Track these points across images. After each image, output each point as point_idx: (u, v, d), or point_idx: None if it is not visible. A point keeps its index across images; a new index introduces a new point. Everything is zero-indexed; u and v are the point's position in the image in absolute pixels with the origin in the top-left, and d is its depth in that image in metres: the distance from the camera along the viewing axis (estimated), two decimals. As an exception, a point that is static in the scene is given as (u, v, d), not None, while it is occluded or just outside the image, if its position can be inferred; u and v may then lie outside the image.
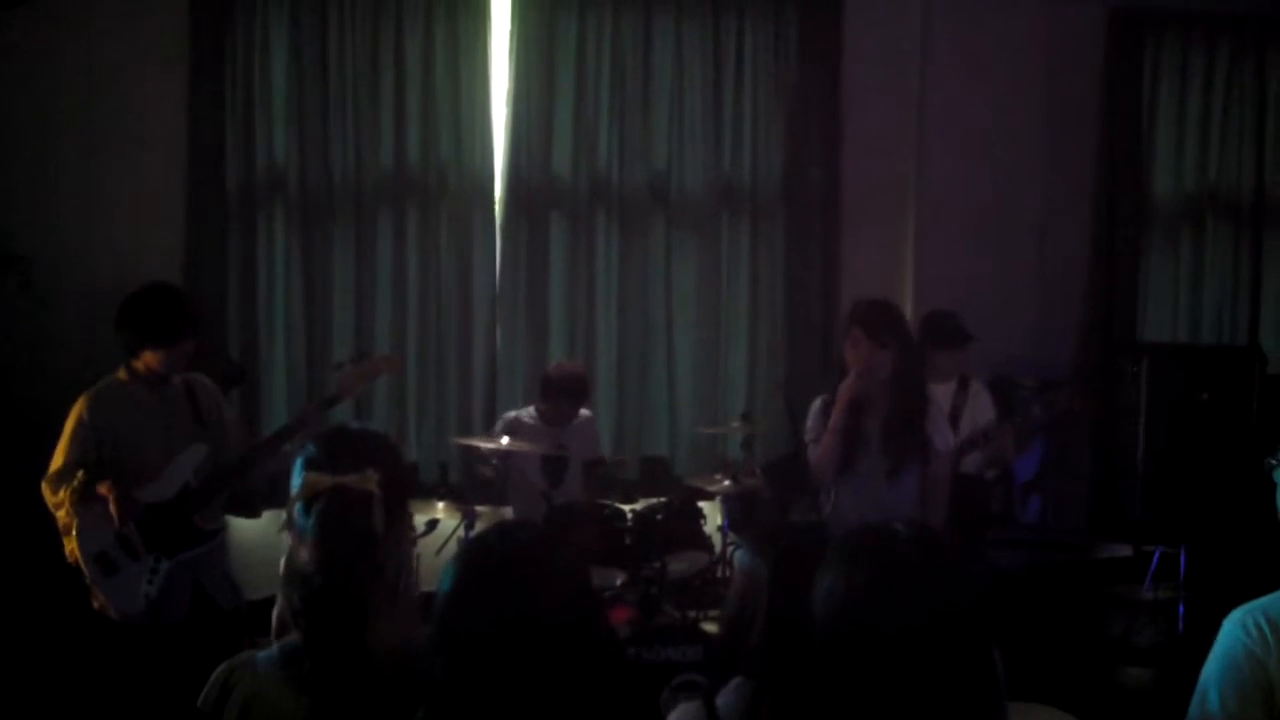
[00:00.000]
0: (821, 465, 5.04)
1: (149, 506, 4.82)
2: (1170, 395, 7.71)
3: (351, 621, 2.37)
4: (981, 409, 6.31)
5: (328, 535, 2.41)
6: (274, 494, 6.71)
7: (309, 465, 2.50)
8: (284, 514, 2.51)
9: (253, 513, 6.91)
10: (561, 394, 6.68)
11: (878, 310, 5.04)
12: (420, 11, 7.47)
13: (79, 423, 4.86)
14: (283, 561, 2.63)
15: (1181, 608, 7.08)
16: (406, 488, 2.64)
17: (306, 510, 2.44)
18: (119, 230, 7.06)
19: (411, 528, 3.17)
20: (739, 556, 2.74)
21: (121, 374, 4.96)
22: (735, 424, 7.14)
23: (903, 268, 8.31)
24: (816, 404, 5.21)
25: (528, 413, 6.79)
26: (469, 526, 6.20)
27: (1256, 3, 8.47)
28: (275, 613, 2.71)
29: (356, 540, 2.42)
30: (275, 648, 2.49)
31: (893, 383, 4.92)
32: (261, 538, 6.68)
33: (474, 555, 2.23)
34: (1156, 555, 7.48)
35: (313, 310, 7.45)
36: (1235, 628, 2.53)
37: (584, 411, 6.86)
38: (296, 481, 2.52)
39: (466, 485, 7.07)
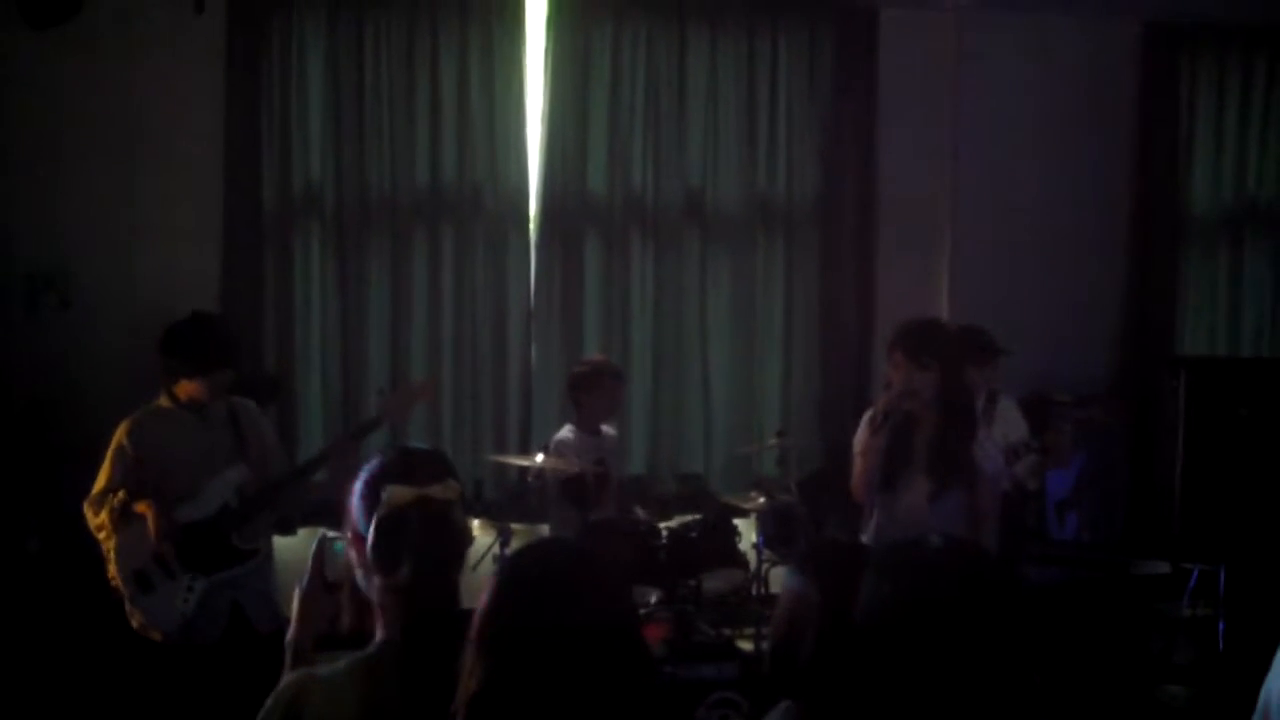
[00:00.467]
0: (860, 482, 5.05)
1: (187, 525, 4.85)
2: (1209, 410, 7.64)
3: (453, 629, 2.36)
4: (1011, 424, 6.28)
5: (424, 545, 2.42)
6: (312, 513, 6.73)
7: (383, 480, 2.50)
8: (322, 532, 2.51)
9: (289, 530, 6.93)
10: (594, 384, 6.59)
11: (918, 331, 5.03)
12: (455, 30, 7.51)
13: (119, 448, 4.90)
14: (298, 591, 2.65)
15: (1221, 625, 7.02)
16: (468, 503, 2.67)
17: (391, 524, 2.44)
18: (156, 250, 7.11)
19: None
20: (786, 577, 2.72)
21: (164, 400, 4.99)
22: (771, 442, 7.14)
23: (937, 284, 8.30)
24: (866, 416, 5.22)
25: (566, 430, 6.73)
26: (504, 544, 6.21)
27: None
28: (290, 639, 2.71)
29: (451, 547, 2.47)
30: (342, 664, 2.45)
31: (938, 403, 4.90)
32: (296, 555, 6.69)
33: (515, 570, 2.24)
34: (1195, 572, 7.41)
35: (348, 329, 7.48)
36: None
37: (609, 430, 6.80)
38: (358, 503, 2.52)
39: (502, 502, 7.08)
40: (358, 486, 2.54)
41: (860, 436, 5.19)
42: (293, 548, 6.86)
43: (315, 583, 2.72)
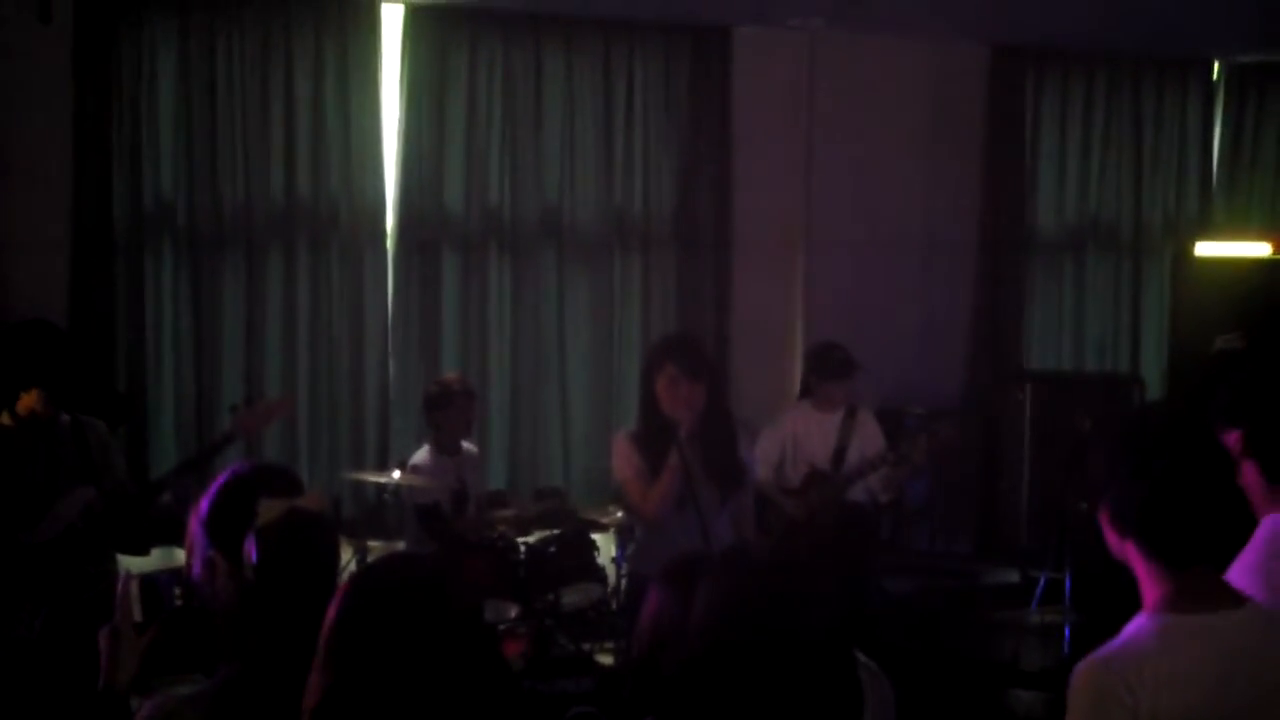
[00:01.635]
0: (661, 503, 4.83)
1: (31, 548, 4.73)
2: (1054, 422, 7.87)
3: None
4: (870, 438, 6.38)
5: (303, 557, 2.40)
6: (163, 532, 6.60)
7: (249, 495, 2.45)
8: (125, 572, 2.45)
9: (141, 550, 6.79)
10: (447, 404, 6.54)
11: (690, 346, 5.03)
12: (310, 43, 7.44)
13: None
14: (104, 634, 2.59)
15: (1068, 630, 7.21)
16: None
17: (272, 537, 2.40)
18: (1, 265, 6.93)
19: None
20: (649, 591, 2.73)
21: (4, 418, 4.85)
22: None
23: (793, 300, 8.42)
24: (622, 439, 5.02)
25: (423, 452, 6.67)
26: (361, 563, 6.15)
27: (1131, 41, 8.71)
28: (103, 685, 2.64)
29: (325, 556, 2.44)
30: (207, 686, 2.40)
31: (707, 414, 4.90)
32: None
33: (361, 583, 2.20)
34: (1043, 580, 7.61)
35: (201, 346, 7.37)
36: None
37: (469, 446, 6.77)
38: (218, 521, 2.48)
39: (360, 520, 7.02)
40: (213, 505, 2.50)
41: (623, 462, 4.96)
42: (141, 567, 6.74)
43: (126, 624, 2.66)
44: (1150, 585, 2.38)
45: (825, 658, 2.07)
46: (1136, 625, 2.36)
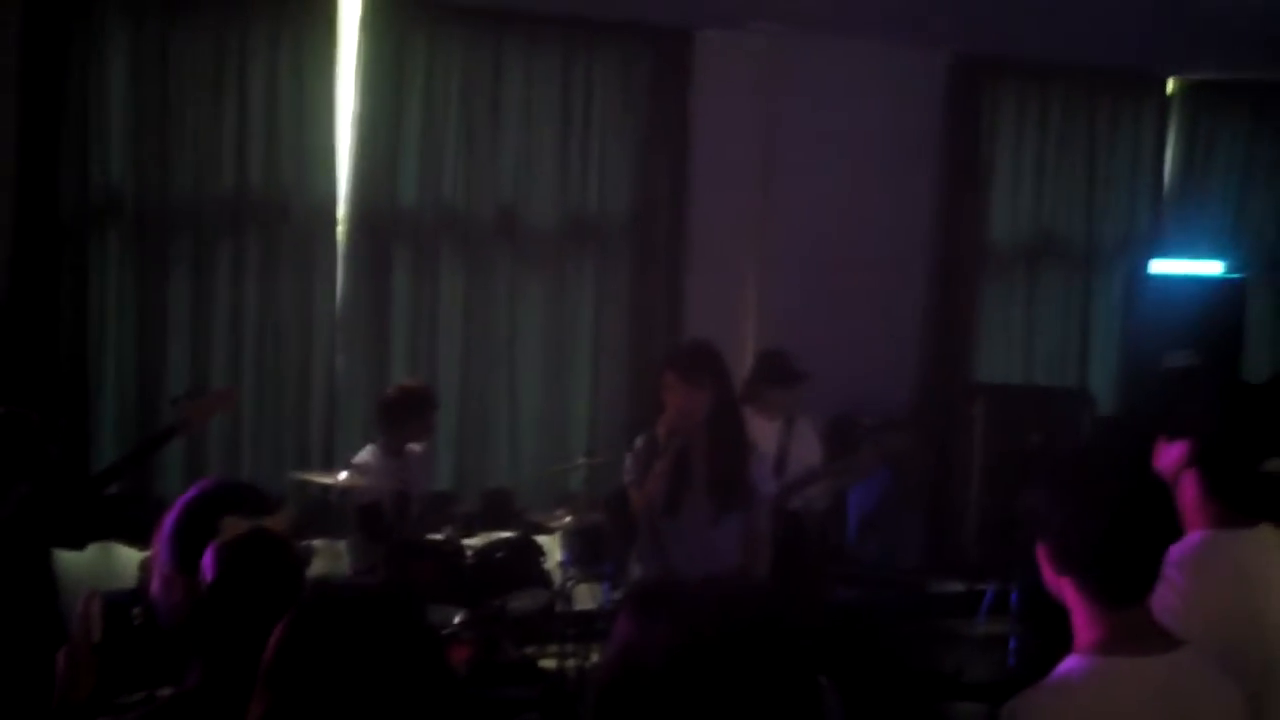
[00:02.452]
0: (644, 509, 4.93)
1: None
2: (1004, 436, 7.89)
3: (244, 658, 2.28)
4: (808, 448, 6.38)
5: (264, 578, 2.35)
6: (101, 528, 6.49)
7: (213, 512, 2.41)
8: (88, 590, 2.40)
9: (77, 545, 6.66)
10: (407, 413, 6.47)
11: (690, 352, 5.01)
12: (265, 31, 7.33)
13: None
14: (64, 653, 2.52)
15: (1013, 642, 7.22)
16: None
17: (233, 556, 2.35)
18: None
19: None
20: (620, 619, 2.67)
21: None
22: (580, 462, 7.13)
23: (746, 305, 8.39)
24: (637, 444, 5.08)
25: (367, 452, 6.59)
26: (306, 563, 6.06)
27: (1086, 54, 8.74)
28: (58, 703, 2.58)
29: (283, 579, 2.38)
30: (159, 707, 2.36)
31: (710, 424, 4.85)
32: (86, 571, 6.45)
33: (308, 611, 2.16)
34: (990, 592, 7.62)
35: (147, 339, 7.24)
36: None
37: (414, 446, 6.68)
38: (180, 538, 2.42)
39: (303, 520, 6.92)
40: (175, 521, 2.45)
41: (631, 466, 5.05)
42: (79, 563, 6.63)
43: (84, 642, 2.61)
44: (1085, 624, 2.35)
45: (791, 691, 2.03)
46: (1068, 666, 2.34)
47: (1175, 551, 2.67)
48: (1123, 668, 2.28)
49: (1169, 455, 2.93)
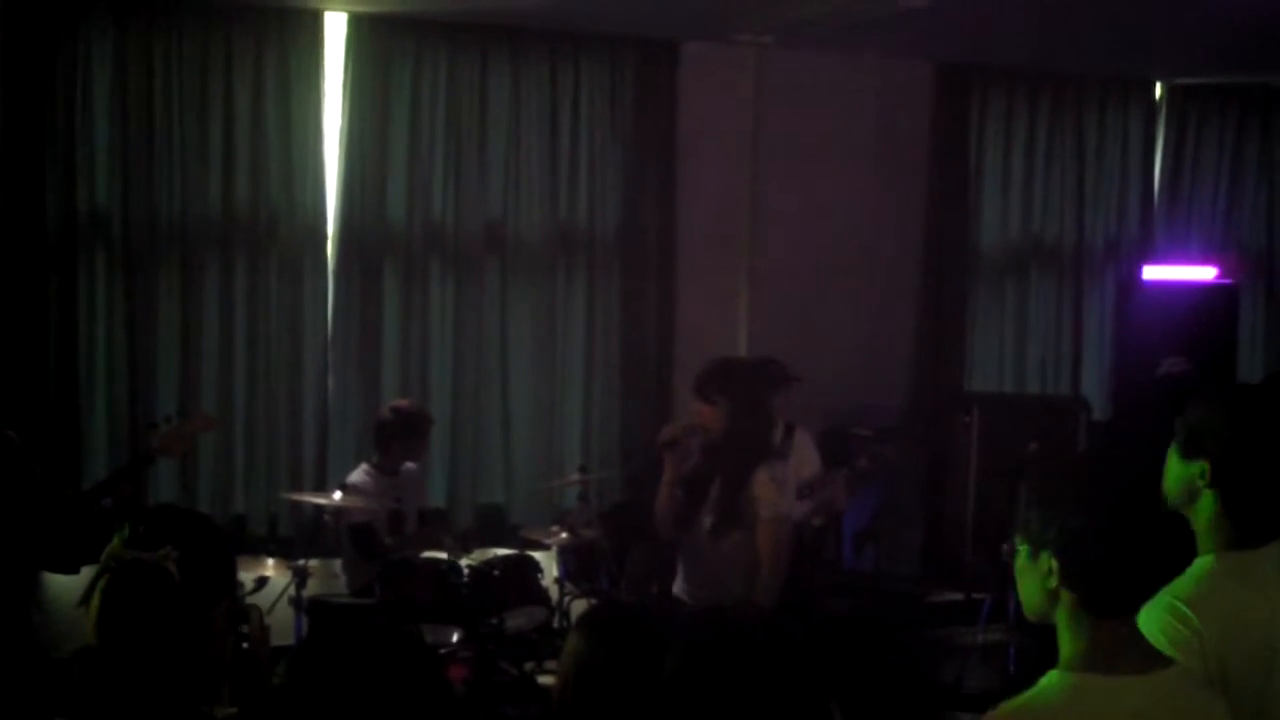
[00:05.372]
0: (658, 522, 4.99)
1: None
2: (999, 444, 7.85)
3: (127, 700, 2.19)
4: (807, 459, 6.34)
5: (113, 609, 2.22)
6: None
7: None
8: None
9: (70, 569, 6.60)
10: (404, 434, 6.47)
11: (706, 369, 4.99)
12: (251, 50, 7.31)
13: None
14: None
15: (1012, 650, 7.19)
16: (221, 570, 2.39)
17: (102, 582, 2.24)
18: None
19: (237, 600, 2.98)
20: (569, 636, 2.67)
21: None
22: (574, 478, 7.09)
23: (736, 317, 8.37)
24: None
25: (361, 471, 6.57)
26: (300, 584, 6.00)
27: (1074, 61, 8.75)
28: None
29: (142, 617, 2.21)
30: None
31: (725, 440, 4.84)
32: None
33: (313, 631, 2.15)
34: (987, 602, 7.59)
35: (136, 359, 7.21)
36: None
37: (408, 465, 6.66)
38: None
39: (297, 540, 6.87)
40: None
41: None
42: (72, 587, 6.57)
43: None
44: (1070, 637, 2.29)
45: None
46: (1045, 684, 2.29)
47: (1189, 583, 2.63)
48: (1102, 685, 2.22)
49: (1181, 473, 2.84)
